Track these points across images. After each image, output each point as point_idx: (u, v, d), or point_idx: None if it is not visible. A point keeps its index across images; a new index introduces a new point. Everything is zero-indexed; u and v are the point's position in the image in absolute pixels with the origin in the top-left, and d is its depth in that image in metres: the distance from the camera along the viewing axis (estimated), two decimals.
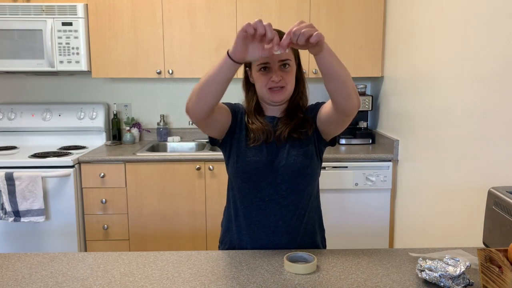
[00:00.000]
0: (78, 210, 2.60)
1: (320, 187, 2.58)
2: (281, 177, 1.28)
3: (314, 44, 1.01)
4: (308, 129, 1.33)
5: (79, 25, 2.72)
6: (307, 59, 2.85)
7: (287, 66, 1.27)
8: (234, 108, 1.36)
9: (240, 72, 1.34)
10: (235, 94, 1.91)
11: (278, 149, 1.31)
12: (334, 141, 1.38)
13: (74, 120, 3.06)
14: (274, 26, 1.39)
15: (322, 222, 1.44)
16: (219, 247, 1.44)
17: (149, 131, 3.24)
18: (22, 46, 2.71)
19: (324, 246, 1.45)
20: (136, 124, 3.16)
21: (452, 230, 1.87)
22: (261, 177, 1.29)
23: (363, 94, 2.99)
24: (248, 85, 1.39)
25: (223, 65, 1.13)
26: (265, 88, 1.28)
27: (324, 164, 2.60)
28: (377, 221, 2.67)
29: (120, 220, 2.67)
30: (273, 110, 1.36)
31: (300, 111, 1.35)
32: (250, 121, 1.33)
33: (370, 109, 2.96)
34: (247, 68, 1.35)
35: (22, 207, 2.46)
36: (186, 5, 2.79)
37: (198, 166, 2.63)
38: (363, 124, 3.02)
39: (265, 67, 1.27)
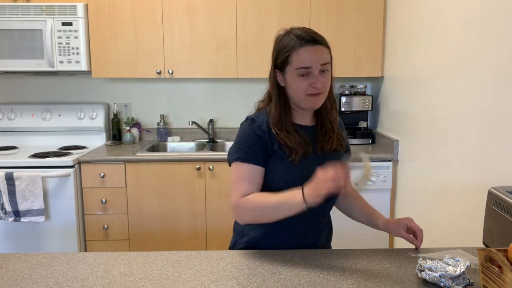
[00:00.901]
0: (78, 210, 2.60)
1: None
2: None
3: None
4: (343, 144, 1.35)
5: (79, 25, 2.72)
6: None
7: (326, 71, 1.22)
8: (260, 149, 1.24)
9: (243, 72, 1.33)
10: (238, 94, 1.90)
11: (322, 161, 1.22)
12: None
13: (74, 120, 3.06)
14: (274, 26, 1.40)
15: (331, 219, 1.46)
16: (232, 247, 1.38)
17: (149, 131, 3.24)
18: (22, 46, 2.71)
19: (330, 242, 1.46)
20: (136, 124, 3.16)
21: (452, 230, 1.87)
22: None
23: (363, 94, 2.99)
24: (278, 89, 1.27)
25: (295, 208, 1.12)
26: (303, 94, 1.21)
27: None
28: None
29: (120, 220, 2.67)
30: (303, 117, 1.30)
31: (332, 116, 1.31)
32: (281, 134, 1.23)
33: (370, 109, 2.96)
34: (276, 70, 1.26)
35: (22, 207, 2.46)
36: (186, 5, 2.79)
37: (198, 166, 2.63)
38: (363, 124, 3.02)
39: (305, 72, 1.20)
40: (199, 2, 2.79)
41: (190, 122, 3.14)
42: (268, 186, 1.24)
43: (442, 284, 0.96)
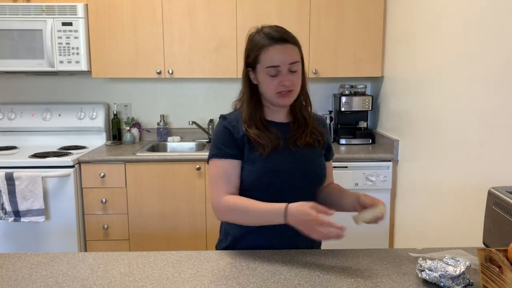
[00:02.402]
0: (78, 210, 2.60)
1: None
2: (294, 185, 1.26)
3: None
4: (321, 141, 1.34)
5: (79, 25, 2.72)
6: (307, 59, 2.85)
7: (294, 70, 1.24)
8: (232, 144, 1.28)
9: (235, 71, 1.33)
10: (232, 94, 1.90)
11: (293, 156, 1.27)
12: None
13: (74, 120, 3.06)
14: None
15: None
16: (217, 246, 1.40)
17: (149, 131, 3.24)
18: (22, 46, 2.71)
19: (320, 243, 1.43)
20: (136, 124, 3.16)
21: (452, 230, 1.87)
22: (275, 185, 1.25)
23: (363, 94, 2.99)
24: (250, 87, 1.31)
25: (274, 223, 1.16)
26: (274, 92, 1.24)
27: None
28: None
29: (120, 220, 2.67)
30: (277, 114, 1.32)
31: (306, 113, 1.33)
32: (250, 130, 1.26)
33: (370, 109, 2.96)
34: (248, 69, 1.29)
35: (22, 207, 2.46)
36: (186, 5, 2.79)
37: (198, 166, 2.63)
38: (363, 124, 3.02)
39: (275, 71, 1.23)
40: (199, 2, 2.79)
41: (190, 122, 3.14)
42: (245, 179, 1.27)
43: (442, 284, 0.96)
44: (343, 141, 2.98)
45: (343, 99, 2.94)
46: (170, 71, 2.84)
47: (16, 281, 1.03)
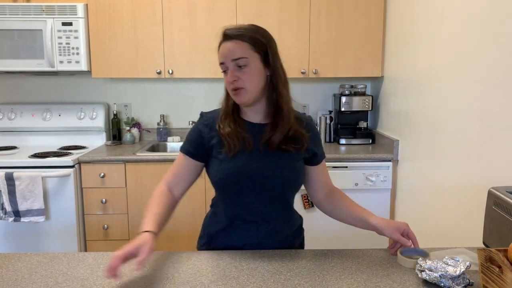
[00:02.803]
0: (78, 210, 2.60)
1: None
2: (263, 187, 1.23)
3: None
4: (301, 145, 1.27)
5: (79, 25, 2.72)
6: (307, 59, 2.85)
7: (242, 66, 1.19)
8: (197, 143, 1.28)
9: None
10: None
11: (262, 158, 1.24)
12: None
13: (74, 120, 3.07)
14: (274, 26, 1.41)
15: (302, 224, 1.42)
16: (198, 242, 1.41)
17: (149, 131, 3.24)
18: (22, 46, 2.71)
19: (302, 247, 1.42)
20: (136, 124, 3.16)
21: (452, 230, 1.87)
22: (241, 187, 1.23)
23: (363, 94, 2.99)
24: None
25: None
26: (229, 89, 1.23)
27: None
28: None
29: (120, 220, 2.67)
30: (252, 115, 1.28)
31: (280, 117, 1.25)
32: (221, 126, 1.25)
33: (370, 109, 2.96)
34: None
35: (22, 207, 2.46)
36: (186, 5, 2.79)
37: None
38: (363, 124, 3.02)
39: (224, 68, 1.22)
40: (199, 2, 2.79)
41: (190, 122, 3.14)
42: (212, 179, 1.28)
43: (442, 284, 0.96)
44: (343, 141, 2.98)
45: (343, 99, 2.94)
46: (170, 71, 2.84)
47: (16, 281, 1.03)
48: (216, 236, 1.31)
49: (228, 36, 1.21)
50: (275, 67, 1.24)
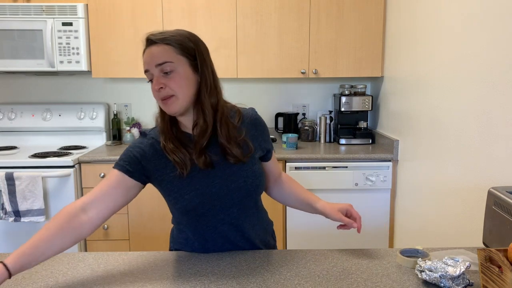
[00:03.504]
0: None
1: (320, 187, 2.60)
2: (230, 201, 1.16)
3: None
4: (249, 151, 1.17)
5: (79, 25, 2.72)
6: (307, 59, 2.85)
7: (169, 72, 1.08)
8: (137, 163, 1.13)
9: (243, 72, 1.32)
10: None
11: (220, 172, 1.14)
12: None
13: (74, 120, 3.07)
14: (274, 26, 1.41)
15: (268, 217, 1.35)
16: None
17: None
18: (22, 46, 2.71)
19: (274, 239, 1.38)
20: (136, 124, 3.16)
21: (452, 230, 1.87)
22: (208, 207, 1.14)
23: (363, 94, 2.99)
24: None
25: None
26: (158, 99, 1.12)
27: (324, 164, 2.60)
28: (377, 221, 2.67)
29: (120, 220, 2.67)
30: (188, 125, 1.17)
31: (205, 122, 1.13)
32: (165, 145, 1.13)
33: (370, 109, 2.96)
34: None
35: (22, 207, 2.46)
36: (186, 5, 2.79)
37: None
38: (363, 124, 3.02)
39: (150, 76, 1.10)
40: (199, 2, 2.79)
41: None
42: (173, 206, 1.17)
43: (442, 284, 0.96)
44: (343, 141, 2.98)
45: (343, 99, 2.94)
46: None
47: (16, 281, 1.03)
48: (188, 241, 1.23)
49: (151, 41, 1.10)
50: (202, 72, 1.13)
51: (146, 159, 1.14)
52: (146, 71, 1.11)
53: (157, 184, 1.17)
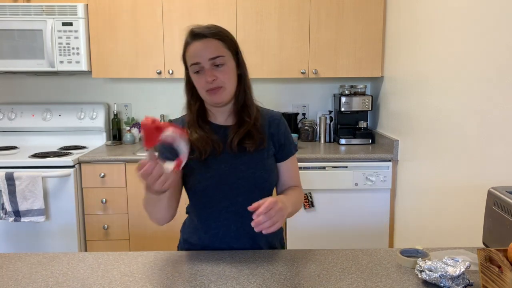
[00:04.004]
0: (78, 210, 2.61)
1: (320, 187, 2.60)
2: (236, 190, 1.21)
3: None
4: (262, 141, 1.24)
5: (79, 25, 2.72)
6: (307, 59, 2.85)
7: (220, 65, 1.17)
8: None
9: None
10: None
11: (233, 161, 1.22)
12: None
13: (74, 120, 3.07)
14: (274, 26, 1.41)
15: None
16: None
17: None
18: (22, 46, 2.71)
19: (282, 245, 1.39)
20: (136, 124, 3.16)
21: (452, 230, 1.87)
22: (216, 192, 1.22)
23: (363, 94, 3.00)
24: (190, 89, 1.28)
25: (156, 198, 1.13)
26: (203, 90, 1.19)
27: (324, 164, 2.60)
28: (377, 221, 2.67)
29: (120, 220, 2.67)
30: (220, 116, 1.27)
31: (246, 115, 1.24)
32: (189, 133, 1.22)
33: (370, 109, 2.96)
34: (187, 70, 1.25)
35: (22, 207, 2.46)
36: (186, 5, 2.79)
37: None
38: (363, 124, 3.02)
39: (198, 69, 1.18)
40: (199, 2, 2.79)
41: None
42: (185, 186, 1.27)
43: (442, 284, 0.96)
44: (343, 141, 2.98)
45: (343, 99, 2.94)
46: (170, 71, 2.84)
47: (16, 281, 1.03)
48: (195, 245, 1.29)
49: (199, 35, 1.18)
50: (244, 65, 1.24)
51: None
52: (195, 64, 1.18)
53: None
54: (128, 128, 3.11)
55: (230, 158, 1.23)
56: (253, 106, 1.26)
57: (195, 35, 1.19)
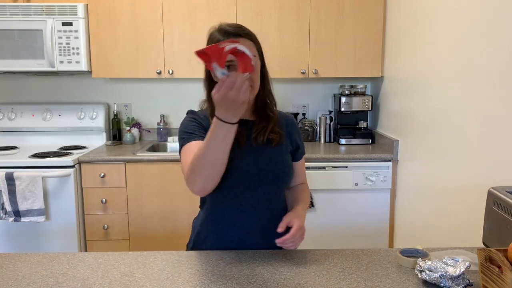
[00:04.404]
0: (78, 210, 2.61)
1: (320, 187, 2.60)
2: (258, 182, 1.25)
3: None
4: (282, 136, 1.31)
5: (79, 25, 2.72)
6: (307, 59, 2.85)
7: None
8: (205, 129, 1.25)
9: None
10: None
11: (255, 153, 1.26)
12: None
13: (74, 120, 3.07)
14: (274, 26, 1.41)
15: None
16: (187, 246, 1.41)
17: (149, 131, 3.24)
18: (22, 46, 2.71)
19: None
20: (136, 124, 3.16)
21: (452, 230, 1.87)
22: (237, 182, 1.24)
23: (363, 94, 2.99)
24: (212, 85, 1.27)
25: (219, 136, 1.06)
26: None
27: (324, 164, 2.60)
28: (377, 221, 2.67)
29: (120, 220, 2.67)
30: None
31: (269, 110, 1.31)
32: None
33: (370, 109, 2.96)
34: None
35: (22, 207, 2.46)
36: (186, 5, 2.79)
37: None
38: (363, 124, 3.02)
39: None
40: (199, 2, 2.79)
41: None
42: None
43: (442, 284, 0.96)
44: (343, 141, 2.98)
45: (343, 99, 2.94)
46: (170, 71, 2.84)
47: (16, 281, 1.03)
48: (208, 235, 1.30)
49: (233, 34, 1.21)
50: (265, 64, 1.29)
51: (204, 127, 1.26)
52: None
53: None
54: (128, 128, 3.11)
55: (253, 151, 1.27)
56: (274, 104, 1.34)
57: (230, 34, 1.22)
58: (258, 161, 1.25)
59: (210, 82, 1.28)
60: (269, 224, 1.27)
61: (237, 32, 1.23)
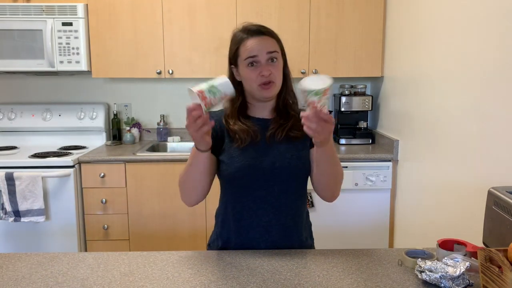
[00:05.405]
0: (78, 210, 2.60)
1: None
2: (273, 179, 1.25)
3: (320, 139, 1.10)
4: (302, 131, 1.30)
5: (79, 25, 2.72)
6: (307, 59, 2.85)
7: (274, 60, 1.25)
8: (216, 135, 1.29)
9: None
10: None
11: (270, 151, 1.27)
12: None
13: (74, 120, 3.07)
14: (274, 26, 1.41)
15: (309, 217, 1.42)
16: (208, 246, 1.41)
17: (149, 131, 3.24)
18: (22, 46, 2.71)
19: (312, 241, 1.41)
20: (136, 124, 3.16)
21: (452, 230, 1.87)
22: (252, 180, 1.26)
23: (363, 94, 2.99)
24: (234, 84, 1.32)
25: (193, 155, 1.21)
26: (255, 84, 1.24)
27: None
28: (377, 221, 2.67)
29: (120, 220, 2.67)
30: (261, 111, 1.32)
31: (291, 109, 1.32)
32: (231, 123, 1.28)
33: (370, 109, 2.96)
34: (232, 66, 1.31)
35: (22, 207, 2.46)
36: (186, 5, 2.79)
37: None
38: (363, 124, 3.02)
39: (253, 62, 1.24)
40: (199, 2, 2.79)
41: None
42: (223, 173, 1.29)
43: (442, 284, 0.96)
44: (343, 141, 2.98)
45: (343, 99, 2.94)
46: (170, 71, 2.84)
47: (16, 281, 1.03)
48: (230, 236, 1.31)
49: (257, 31, 1.26)
50: (287, 64, 1.32)
51: (215, 131, 1.29)
52: (252, 57, 1.23)
53: (219, 153, 1.30)
54: (128, 128, 3.11)
55: (267, 148, 1.28)
56: (295, 103, 1.34)
57: (253, 32, 1.26)
58: (272, 157, 1.26)
59: (233, 82, 1.27)
60: (288, 222, 1.28)
61: (260, 30, 1.26)
